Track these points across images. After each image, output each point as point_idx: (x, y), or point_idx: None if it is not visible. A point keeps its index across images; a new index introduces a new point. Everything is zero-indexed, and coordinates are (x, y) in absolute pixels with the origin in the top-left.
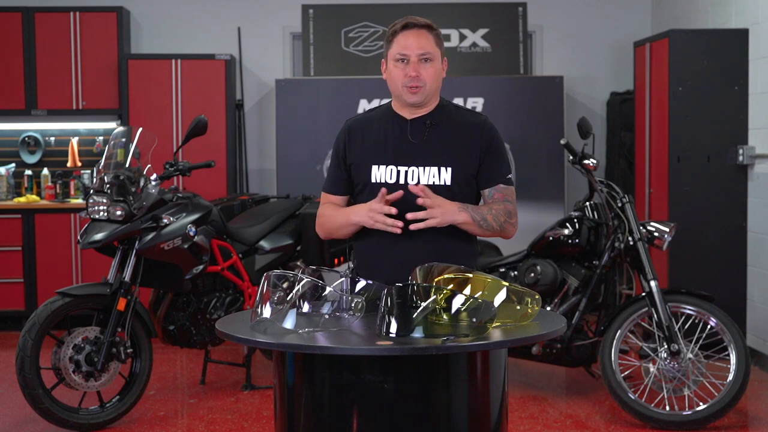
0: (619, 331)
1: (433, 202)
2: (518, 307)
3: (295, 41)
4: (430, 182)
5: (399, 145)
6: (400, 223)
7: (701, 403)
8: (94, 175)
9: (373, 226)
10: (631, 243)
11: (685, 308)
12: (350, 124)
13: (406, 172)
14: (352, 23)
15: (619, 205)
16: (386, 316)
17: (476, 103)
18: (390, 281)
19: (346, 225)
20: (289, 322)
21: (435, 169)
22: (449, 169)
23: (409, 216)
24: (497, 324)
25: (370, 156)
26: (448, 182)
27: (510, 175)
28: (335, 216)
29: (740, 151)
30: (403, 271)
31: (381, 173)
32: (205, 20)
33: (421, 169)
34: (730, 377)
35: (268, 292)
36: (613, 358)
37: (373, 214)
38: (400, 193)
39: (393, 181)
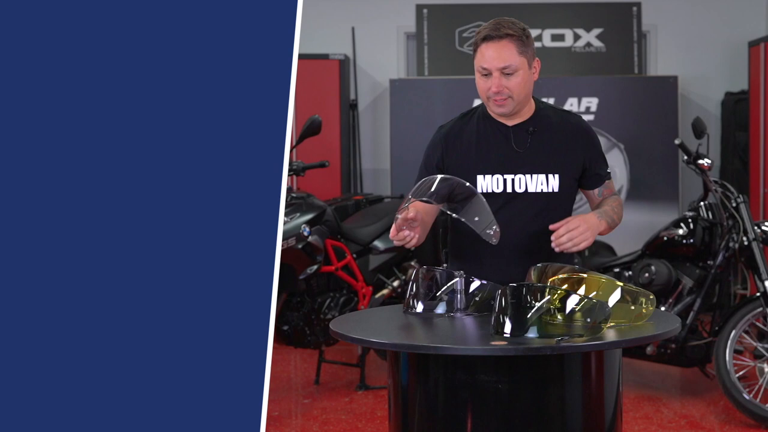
0: (733, 332)
1: (572, 225)
2: (633, 308)
3: (409, 41)
4: (538, 190)
5: (503, 153)
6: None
7: None
8: None
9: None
10: (746, 243)
11: None
12: (446, 131)
13: (513, 180)
14: (467, 23)
15: (734, 205)
16: (500, 316)
17: (590, 103)
18: None
19: None
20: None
21: (543, 176)
22: (557, 175)
23: (554, 243)
24: (611, 324)
25: (472, 164)
26: (556, 189)
27: (609, 169)
28: None
29: None
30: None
31: (487, 182)
32: (319, 20)
33: (528, 176)
34: None
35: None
36: (727, 359)
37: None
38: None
39: (500, 190)
